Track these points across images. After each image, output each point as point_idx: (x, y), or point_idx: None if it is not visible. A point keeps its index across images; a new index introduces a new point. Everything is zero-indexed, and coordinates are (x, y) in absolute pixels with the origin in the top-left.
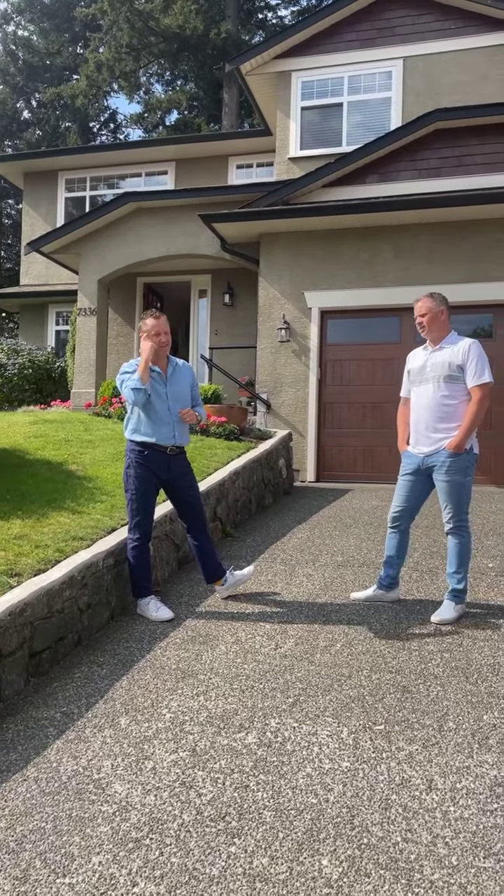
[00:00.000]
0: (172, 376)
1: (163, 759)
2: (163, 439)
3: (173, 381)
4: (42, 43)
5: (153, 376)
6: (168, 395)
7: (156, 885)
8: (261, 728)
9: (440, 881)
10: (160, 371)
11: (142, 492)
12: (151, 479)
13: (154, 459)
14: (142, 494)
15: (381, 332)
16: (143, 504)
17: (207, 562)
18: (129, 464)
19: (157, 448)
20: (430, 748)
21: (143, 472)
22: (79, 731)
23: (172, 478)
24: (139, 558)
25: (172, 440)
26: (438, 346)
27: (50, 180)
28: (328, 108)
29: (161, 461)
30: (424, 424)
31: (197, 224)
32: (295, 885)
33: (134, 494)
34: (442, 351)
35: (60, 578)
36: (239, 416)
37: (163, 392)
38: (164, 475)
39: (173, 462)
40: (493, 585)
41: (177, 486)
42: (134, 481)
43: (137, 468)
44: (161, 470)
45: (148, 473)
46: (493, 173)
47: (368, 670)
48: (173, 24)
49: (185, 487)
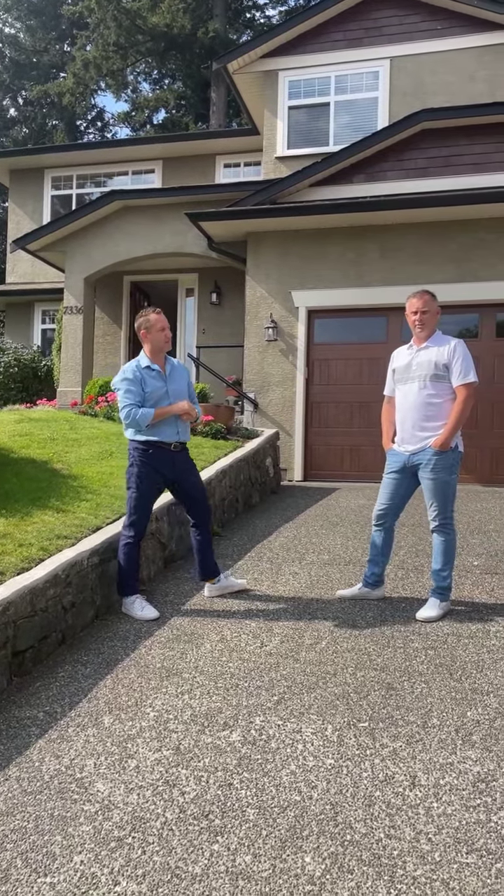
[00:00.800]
0: (171, 374)
1: (146, 757)
2: (166, 437)
3: (172, 379)
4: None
5: (154, 374)
6: (170, 392)
7: (137, 883)
8: (245, 726)
9: (423, 877)
10: (160, 369)
11: (144, 491)
12: (156, 479)
13: (159, 458)
14: (144, 493)
15: (368, 332)
16: (144, 503)
17: (205, 558)
18: (133, 463)
19: (161, 446)
20: (413, 745)
21: (148, 470)
22: (62, 730)
23: (177, 474)
24: (130, 556)
25: (176, 437)
26: (424, 345)
27: (36, 178)
28: (315, 107)
29: (166, 459)
30: (410, 423)
31: (184, 223)
32: (278, 883)
33: (136, 493)
34: (428, 350)
35: (44, 577)
36: (226, 416)
37: (164, 391)
38: (169, 473)
39: (177, 459)
40: (477, 583)
41: (182, 482)
42: (137, 480)
43: (142, 467)
44: (166, 468)
45: (152, 472)
46: (479, 174)
47: (353, 668)
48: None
49: (190, 483)
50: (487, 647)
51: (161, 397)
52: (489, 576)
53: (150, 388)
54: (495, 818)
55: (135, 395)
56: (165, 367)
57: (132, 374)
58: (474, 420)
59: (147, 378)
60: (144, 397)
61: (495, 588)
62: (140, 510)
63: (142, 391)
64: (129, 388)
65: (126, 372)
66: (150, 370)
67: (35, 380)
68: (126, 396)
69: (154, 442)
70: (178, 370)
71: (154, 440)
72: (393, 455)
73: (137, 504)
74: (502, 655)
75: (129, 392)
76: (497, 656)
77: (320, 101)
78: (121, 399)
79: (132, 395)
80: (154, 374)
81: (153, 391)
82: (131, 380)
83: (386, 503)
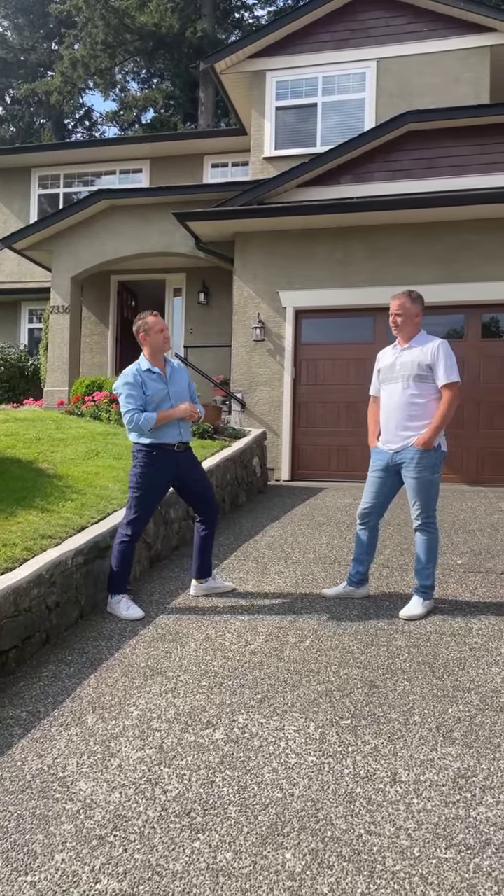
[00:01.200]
0: (172, 376)
1: (129, 756)
2: (169, 438)
3: (173, 381)
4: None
5: (154, 377)
6: (171, 394)
7: (118, 881)
8: (228, 724)
9: (402, 872)
10: (160, 372)
11: (147, 492)
12: (159, 480)
13: (162, 459)
14: (146, 494)
15: (355, 332)
16: (145, 504)
17: (205, 556)
18: (137, 464)
19: (164, 447)
20: (395, 741)
21: (152, 472)
22: (44, 729)
23: (182, 473)
24: (125, 554)
25: (178, 437)
26: (408, 346)
27: (23, 177)
28: (303, 108)
29: (169, 460)
30: (394, 423)
31: (171, 222)
32: (258, 879)
33: (138, 493)
34: (411, 350)
35: (28, 577)
36: (213, 415)
37: (166, 392)
38: (173, 473)
39: (181, 458)
40: (461, 581)
41: (187, 481)
42: (139, 480)
43: (146, 468)
44: (170, 468)
45: (157, 474)
46: (464, 175)
47: (337, 666)
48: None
49: (196, 480)
50: (470, 645)
51: (163, 399)
52: (473, 574)
53: (151, 391)
54: (474, 813)
55: (136, 400)
56: (165, 368)
57: (133, 378)
58: (460, 420)
59: (148, 381)
60: (146, 400)
61: (479, 586)
62: (141, 510)
63: (143, 395)
64: (131, 392)
65: (127, 376)
66: (151, 373)
67: (22, 379)
68: (128, 401)
69: (157, 444)
70: (178, 371)
71: (157, 442)
72: (377, 453)
73: (139, 503)
74: (484, 653)
75: (130, 397)
76: (479, 654)
77: (308, 102)
78: (123, 404)
79: (134, 400)
80: (155, 377)
81: (154, 394)
82: (132, 384)
83: (370, 502)
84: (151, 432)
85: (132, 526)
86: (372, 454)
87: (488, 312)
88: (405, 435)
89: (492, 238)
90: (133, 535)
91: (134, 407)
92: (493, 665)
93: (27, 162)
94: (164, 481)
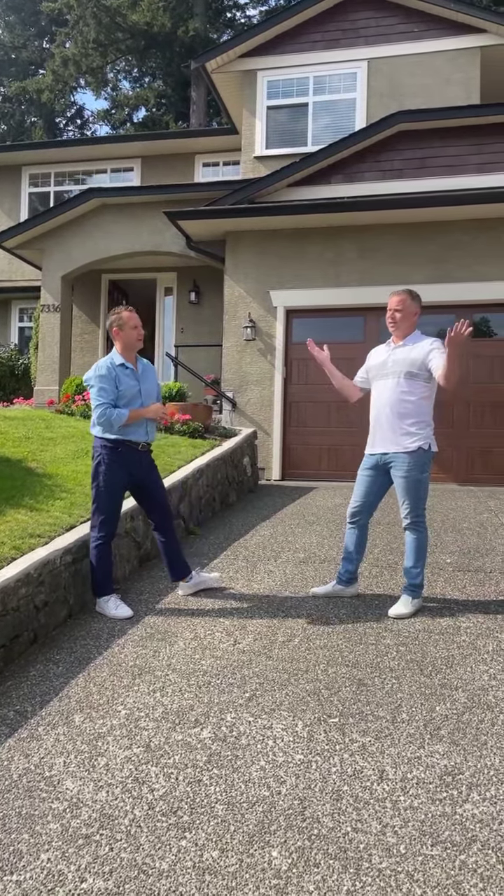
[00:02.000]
0: (143, 374)
1: (116, 755)
2: (136, 437)
3: (144, 379)
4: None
5: (127, 373)
6: (142, 391)
7: (104, 880)
8: (216, 723)
9: (388, 869)
10: (133, 368)
11: (112, 490)
12: (123, 477)
13: (127, 456)
14: (112, 493)
15: (345, 332)
16: (112, 502)
17: (173, 559)
18: (100, 461)
19: (129, 445)
20: (382, 739)
21: (116, 468)
22: (32, 729)
23: (142, 475)
24: (102, 557)
25: (145, 437)
26: (401, 344)
27: (13, 175)
28: (294, 107)
29: (134, 458)
30: (385, 419)
31: (162, 221)
32: (244, 877)
33: (103, 492)
34: (404, 348)
35: (16, 576)
36: (204, 415)
37: (137, 389)
38: (135, 472)
39: (143, 459)
40: (450, 580)
41: (146, 484)
42: (105, 478)
43: (110, 465)
44: (134, 467)
45: (121, 471)
46: (455, 175)
47: (325, 664)
48: (141, 20)
49: (153, 484)
50: (458, 644)
51: (134, 396)
52: (461, 573)
53: (123, 386)
54: (460, 811)
55: (109, 394)
56: (137, 366)
57: (107, 371)
58: (450, 420)
59: (121, 376)
60: (118, 395)
61: (467, 585)
62: (109, 509)
63: (115, 389)
64: (104, 385)
65: (100, 369)
66: (125, 368)
67: (12, 378)
68: (100, 395)
69: (123, 441)
70: (148, 369)
71: (123, 439)
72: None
73: (107, 502)
74: (472, 651)
75: (102, 390)
76: (466, 652)
77: (299, 102)
78: (94, 397)
79: (106, 394)
80: (128, 373)
81: (126, 390)
82: (106, 377)
83: (360, 500)
84: (119, 428)
85: (104, 527)
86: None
87: (479, 312)
88: (397, 433)
89: (483, 238)
90: (106, 534)
91: (106, 401)
92: (481, 663)
93: (18, 160)
94: (127, 480)
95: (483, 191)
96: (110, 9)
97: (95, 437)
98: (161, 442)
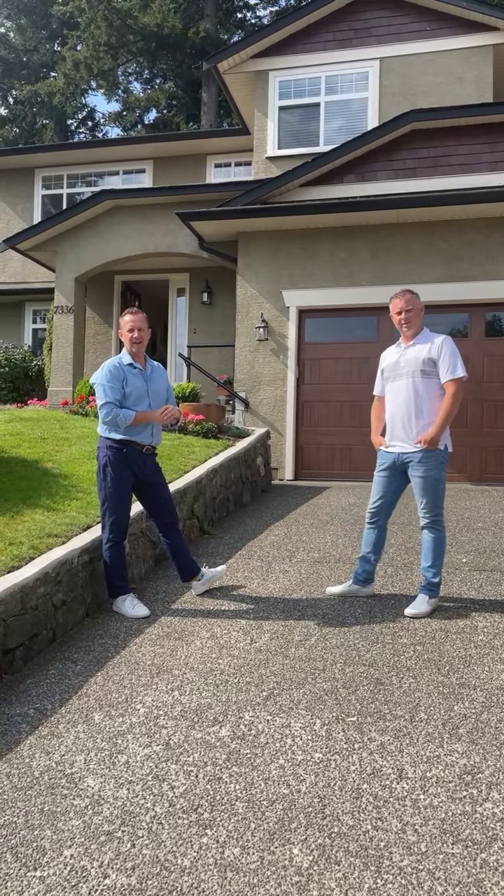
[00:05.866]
0: (152, 375)
1: (136, 753)
2: (142, 438)
3: (153, 380)
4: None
5: (135, 373)
6: (150, 392)
7: (127, 876)
8: (235, 721)
9: (409, 867)
10: (141, 368)
11: (119, 490)
12: (129, 478)
13: (133, 458)
14: (119, 493)
15: (358, 331)
16: (121, 503)
17: (181, 559)
18: (107, 462)
19: (134, 446)
20: (401, 738)
21: (122, 469)
22: (52, 726)
23: (147, 476)
24: (115, 558)
25: (150, 439)
26: (412, 343)
27: (26, 177)
28: (305, 107)
29: (139, 460)
30: (400, 419)
31: (175, 222)
32: (266, 874)
33: (111, 493)
34: (415, 347)
35: (34, 575)
36: (217, 415)
37: (145, 390)
38: (140, 474)
39: (149, 461)
40: (466, 580)
41: (150, 485)
42: (112, 480)
43: (116, 466)
44: (138, 468)
45: (126, 472)
46: (468, 174)
47: (342, 663)
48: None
49: (158, 486)
50: (475, 643)
51: (141, 396)
52: (477, 572)
53: (130, 386)
54: (481, 809)
55: (115, 393)
56: (146, 366)
57: (114, 369)
58: (464, 419)
59: (129, 376)
60: (125, 395)
61: (483, 584)
62: (118, 510)
63: (122, 389)
64: (111, 384)
65: (108, 368)
66: (133, 367)
67: (26, 380)
68: (106, 394)
69: (129, 441)
70: (158, 371)
71: (129, 440)
72: (383, 454)
73: (114, 504)
74: (489, 650)
75: (109, 389)
76: (484, 651)
77: (310, 102)
78: (100, 396)
79: (114, 393)
80: (136, 372)
81: (134, 389)
82: (114, 376)
83: (378, 501)
84: (126, 429)
85: (114, 528)
86: (378, 454)
87: (492, 311)
88: (412, 433)
89: (496, 237)
90: (117, 535)
91: (112, 400)
92: (499, 662)
93: (30, 163)
94: (133, 480)
95: (497, 189)
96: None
97: (101, 437)
98: (175, 442)
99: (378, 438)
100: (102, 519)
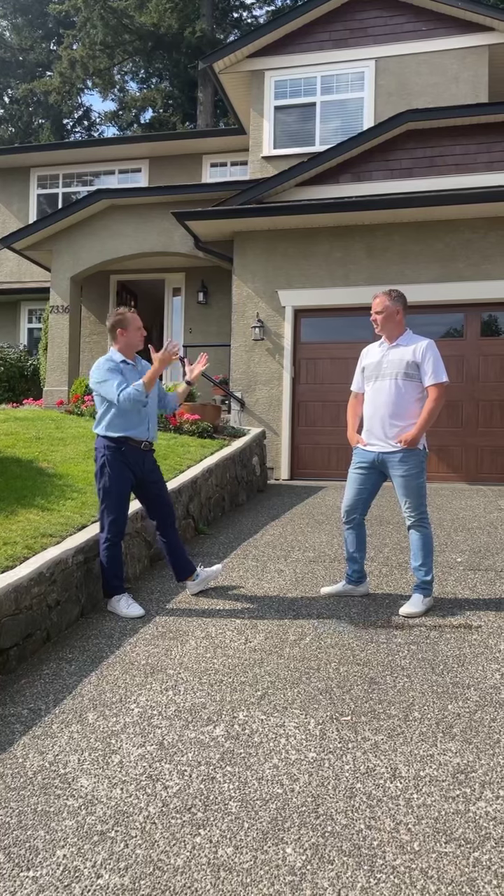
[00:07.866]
0: (144, 370)
1: (130, 752)
2: (138, 434)
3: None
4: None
5: (129, 368)
6: None
7: (120, 876)
8: (229, 721)
9: (402, 866)
10: (134, 364)
11: (118, 490)
12: (128, 477)
13: (131, 456)
14: (118, 493)
15: (354, 331)
16: (119, 503)
17: (177, 559)
18: (105, 462)
19: (132, 443)
20: (395, 738)
21: (120, 468)
22: (46, 726)
23: (145, 474)
24: (112, 557)
25: (147, 435)
26: (395, 344)
27: (22, 177)
28: (301, 107)
29: (137, 457)
30: (380, 420)
31: (171, 222)
32: (259, 874)
33: (110, 493)
34: (398, 349)
35: (28, 575)
36: (212, 414)
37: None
38: (138, 471)
39: (147, 458)
40: (460, 579)
41: (148, 483)
42: (110, 478)
43: (114, 464)
44: (136, 466)
45: (125, 470)
46: (464, 174)
47: (337, 663)
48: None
49: (156, 484)
50: (469, 642)
51: None
52: (472, 572)
53: (128, 380)
54: (474, 808)
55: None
56: (137, 365)
57: (112, 364)
58: (459, 418)
59: (125, 371)
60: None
61: (478, 584)
62: (117, 509)
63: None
64: (114, 373)
65: (105, 364)
66: (127, 364)
67: (21, 379)
68: (112, 384)
69: (126, 439)
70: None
71: (126, 436)
72: (361, 451)
73: (115, 503)
74: (483, 650)
75: (116, 378)
76: (478, 651)
77: (306, 101)
78: (109, 387)
79: (121, 377)
80: (130, 368)
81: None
82: (112, 370)
83: (353, 498)
84: (120, 424)
85: (113, 527)
86: (354, 452)
87: (488, 311)
88: (391, 434)
89: (492, 237)
90: (115, 535)
91: (121, 382)
92: (493, 662)
93: (26, 162)
94: (132, 479)
95: (492, 189)
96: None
97: (98, 436)
98: (170, 442)
99: (355, 436)
100: (101, 518)
